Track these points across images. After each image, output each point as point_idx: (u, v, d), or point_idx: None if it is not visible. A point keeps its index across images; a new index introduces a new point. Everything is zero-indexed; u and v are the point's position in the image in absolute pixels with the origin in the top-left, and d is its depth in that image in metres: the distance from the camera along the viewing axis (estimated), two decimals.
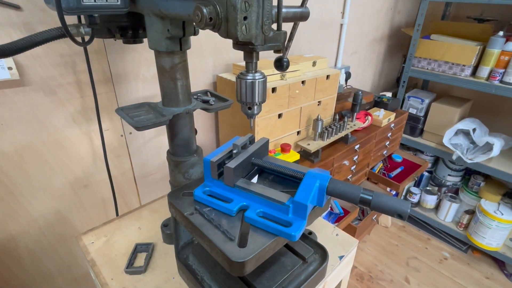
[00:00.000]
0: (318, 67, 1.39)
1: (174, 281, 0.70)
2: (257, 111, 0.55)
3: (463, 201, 2.25)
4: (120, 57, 0.98)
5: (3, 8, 0.75)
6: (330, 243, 0.80)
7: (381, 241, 2.28)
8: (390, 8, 2.15)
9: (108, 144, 1.05)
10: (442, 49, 1.96)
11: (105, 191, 1.11)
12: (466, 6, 2.33)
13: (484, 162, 1.95)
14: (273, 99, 1.17)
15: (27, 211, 0.96)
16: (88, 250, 0.78)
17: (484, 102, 2.31)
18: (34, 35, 0.59)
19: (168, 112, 0.66)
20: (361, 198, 0.47)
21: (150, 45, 0.62)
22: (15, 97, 0.83)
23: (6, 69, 0.77)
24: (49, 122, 0.91)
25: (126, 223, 0.88)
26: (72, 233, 1.09)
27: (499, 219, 1.93)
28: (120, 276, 0.71)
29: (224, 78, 1.19)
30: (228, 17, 0.43)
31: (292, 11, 0.53)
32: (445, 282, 1.99)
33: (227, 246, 0.47)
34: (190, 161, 0.75)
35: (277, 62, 0.57)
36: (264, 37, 0.46)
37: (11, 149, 0.87)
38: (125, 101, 1.05)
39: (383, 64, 2.42)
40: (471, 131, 1.99)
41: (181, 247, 0.69)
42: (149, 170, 1.22)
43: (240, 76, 0.51)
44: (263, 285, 0.60)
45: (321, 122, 1.34)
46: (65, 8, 0.52)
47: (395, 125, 1.85)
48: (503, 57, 1.75)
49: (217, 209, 0.55)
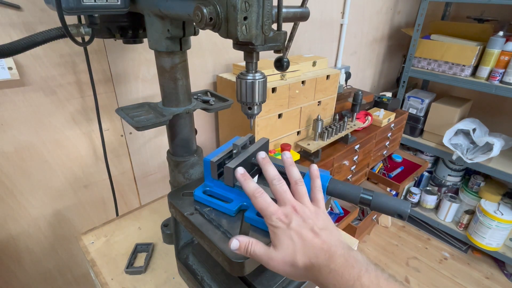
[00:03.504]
0: (318, 67, 1.39)
1: (174, 281, 0.70)
2: (257, 111, 0.55)
3: (463, 201, 2.25)
4: (120, 57, 0.98)
5: (3, 8, 0.75)
6: None
7: (381, 241, 2.28)
8: (390, 8, 2.15)
9: (108, 144, 1.05)
10: (442, 49, 1.96)
11: (105, 191, 1.11)
12: (466, 6, 2.33)
13: (484, 162, 1.96)
14: (273, 99, 1.17)
15: (27, 211, 0.96)
16: (88, 250, 0.78)
17: (484, 102, 2.31)
18: (34, 35, 0.59)
19: (168, 112, 0.66)
20: (361, 198, 0.47)
21: (150, 45, 0.62)
22: (15, 97, 0.83)
23: (6, 69, 0.77)
24: (49, 122, 0.91)
25: (126, 223, 0.88)
26: (72, 233, 1.09)
27: (499, 219, 1.93)
28: (120, 276, 0.71)
29: (224, 78, 1.19)
30: (228, 17, 0.43)
31: (292, 11, 0.53)
32: (445, 282, 1.99)
33: (227, 246, 0.47)
34: (190, 161, 0.75)
35: (277, 62, 0.57)
36: (264, 37, 0.46)
37: (11, 149, 0.87)
38: (125, 101, 1.05)
39: (383, 64, 2.42)
40: (471, 131, 1.99)
41: (181, 247, 0.69)
42: (149, 170, 1.22)
43: (240, 76, 0.51)
44: (263, 285, 0.60)
45: (321, 122, 1.34)
46: (65, 8, 0.52)
47: (395, 125, 1.85)
48: (503, 57, 1.75)
49: (217, 209, 0.55)
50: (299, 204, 0.44)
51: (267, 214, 0.43)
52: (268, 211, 0.43)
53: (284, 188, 0.45)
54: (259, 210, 0.44)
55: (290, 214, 0.42)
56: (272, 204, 0.43)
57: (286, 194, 0.44)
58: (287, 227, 0.41)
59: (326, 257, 0.39)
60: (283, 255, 0.41)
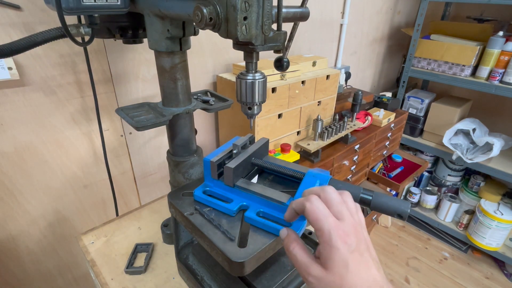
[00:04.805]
0: (318, 67, 1.39)
1: (174, 281, 0.70)
2: (257, 111, 0.55)
3: (463, 201, 2.25)
4: (120, 57, 0.98)
5: (3, 8, 0.75)
6: None
7: (381, 241, 2.28)
8: (390, 8, 2.15)
9: (108, 144, 1.05)
10: (442, 49, 1.96)
11: (105, 191, 1.11)
12: (466, 6, 2.33)
13: (484, 162, 1.95)
14: (273, 99, 1.17)
15: (27, 211, 0.96)
16: (88, 250, 0.78)
17: (484, 102, 2.31)
18: (34, 35, 0.59)
19: (168, 112, 0.66)
20: (361, 198, 0.47)
21: (150, 45, 0.62)
22: (15, 97, 0.83)
23: (6, 69, 0.77)
24: (49, 122, 0.91)
25: (126, 223, 0.88)
26: (72, 233, 1.09)
27: (499, 219, 1.93)
28: (120, 276, 0.71)
29: (224, 78, 1.19)
30: (228, 17, 0.43)
31: (292, 11, 0.53)
32: (445, 282, 1.99)
33: (227, 246, 0.47)
34: (190, 161, 0.75)
35: (277, 62, 0.57)
36: (264, 37, 0.46)
37: (11, 149, 0.87)
38: (125, 101, 1.05)
39: (383, 64, 2.42)
40: (471, 131, 1.99)
41: (181, 247, 0.69)
42: (149, 170, 1.22)
43: (240, 76, 0.51)
44: (263, 285, 0.60)
45: (321, 122, 1.34)
46: (65, 8, 0.52)
47: (395, 125, 1.85)
48: (503, 57, 1.75)
49: (217, 209, 0.55)
50: (360, 222, 0.38)
51: (328, 232, 0.36)
52: (328, 227, 0.36)
53: (339, 198, 0.39)
54: (312, 221, 0.37)
55: (351, 234, 0.36)
56: (330, 216, 0.37)
57: (343, 206, 0.38)
58: (348, 253, 0.35)
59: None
60: (332, 279, 0.35)
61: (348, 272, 0.34)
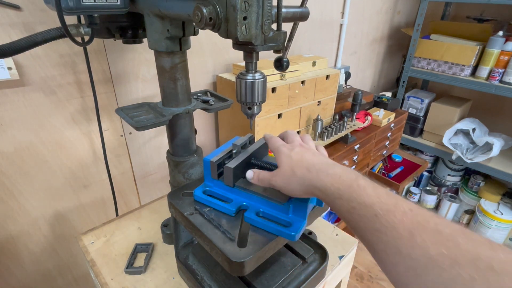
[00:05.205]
0: (318, 67, 1.39)
1: (174, 281, 0.70)
2: (257, 111, 0.55)
3: (463, 201, 2.25)
4: (120, 57, 0.98)
5: (3, 8, 0.75)
6: (330, 243, 0.80)
7: None
8: (390, 8, 2.15)
9: (108, 144, 1.05)
10: (441, 49, 1.96)
11: (105, 191, 1.11)
12: (466, 6, 2.33)
13: (483, 162, 1.96)
14: (273, 99, 1.17)
15: (27, 211, 0.96)
16: (88, 250, 0.78)
17: (483, 102, 2.31)
18: (34, 35, 0.59)
19: (168, 112, 0.66)
20: None
21: (150, 45, 0.62)
22: (15, 97, 0.83)
23: (6, 69, 0.77)
24: (49, 122, 0.91)
25: (126, 223, 0.88)
26: (72, 233, 1.09)
27: (499, 219, 1.93)
28: (120, 276, 0.71)
29: (224, 78, 1.19)
30: (228, 17, 0.43)
31: (292, 11, 0.53)
32: None
33: (227, 246, 0.47)
34: (190, 161, 0.75)
35: (277, 62, 0.57)
36: (264, 37, 0.46)
37: (11, 149, 0.87)
38: (125, 101, 1.05)
39: (383, 64, 2.42)
40: (471, 131, 2.00)
41: (181, 247, 0.69)
42: (149, 170, 1.22)
43: (240, 76, 0.51)
44: (263, 285, 0.60)
45: (321, 122, 1.34)
46: (64, 8, 0.52)
47: (394, 125, 1.85)
48: (503, 57, 1.75)
49: (217, 209, 0.55)
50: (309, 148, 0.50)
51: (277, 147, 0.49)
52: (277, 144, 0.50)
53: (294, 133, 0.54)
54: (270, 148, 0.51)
55: (295, 146, 0.49)
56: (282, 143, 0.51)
57: (296, 137, 0.52)
58: (289, 151, 0.47)
59: (325, 166, 0.43)
60: (283, 170, 0.46)
61: (292, 160, 0.46)
